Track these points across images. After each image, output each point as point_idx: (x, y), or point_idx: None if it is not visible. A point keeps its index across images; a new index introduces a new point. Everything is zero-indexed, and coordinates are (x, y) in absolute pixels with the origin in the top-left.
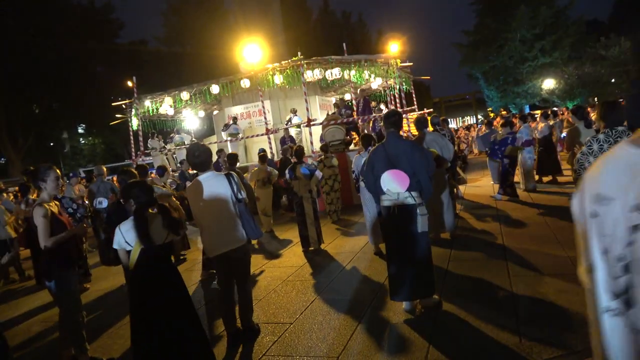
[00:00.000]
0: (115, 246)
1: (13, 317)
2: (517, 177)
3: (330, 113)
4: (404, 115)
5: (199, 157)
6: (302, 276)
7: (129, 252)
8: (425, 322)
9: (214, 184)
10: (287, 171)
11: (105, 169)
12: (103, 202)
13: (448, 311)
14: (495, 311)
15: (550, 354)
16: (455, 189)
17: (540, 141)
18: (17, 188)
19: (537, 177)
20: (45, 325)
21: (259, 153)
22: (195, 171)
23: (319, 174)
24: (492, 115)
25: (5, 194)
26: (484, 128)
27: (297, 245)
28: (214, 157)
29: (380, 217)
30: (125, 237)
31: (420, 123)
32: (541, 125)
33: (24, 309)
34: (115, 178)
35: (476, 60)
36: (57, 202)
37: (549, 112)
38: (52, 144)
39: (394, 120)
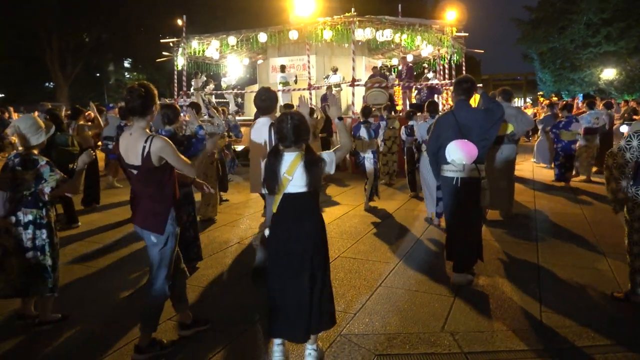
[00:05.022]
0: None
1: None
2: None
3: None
4: (446, 88)
5: (265, 101)
6: (329, 232)
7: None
8: (446, 293)
9: (263, 129)
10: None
11: None
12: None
13: (471, 286)
14: (519, 294)
15: (571, 342)
16: None
17: (597, 130)
18: (68, 112)
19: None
20: (89, 246)
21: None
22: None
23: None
24: (542, 99)
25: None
26: (545, 110)
27: (329, 202)
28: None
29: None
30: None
31: (506, 94)
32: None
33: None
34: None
35: (535, 40)
36: None
37: (612, 102)
38: (98, 74)
39: (466, 87)
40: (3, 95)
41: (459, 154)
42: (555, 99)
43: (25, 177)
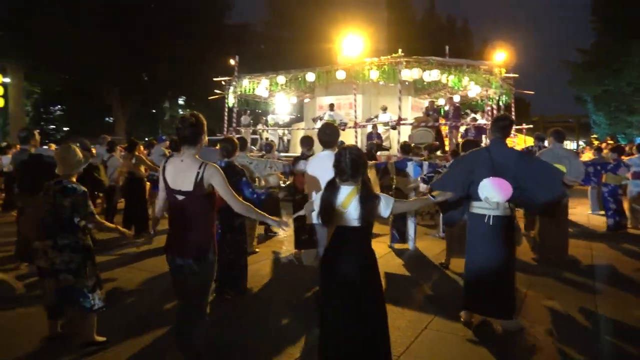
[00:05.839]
0: (314, 220)
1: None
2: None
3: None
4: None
5: (329, 135)
6: None
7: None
8: (496, 341)
9: (326, 161)
10: (395, 165)
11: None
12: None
13: (524, 334)
14: (577, 347)
15: None
16: None
17: None
18: (124, 145)
19: None
20: (144, 275)
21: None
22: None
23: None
24: (596, 142)
25: (120, 147)
26: (591, 154)
27: (373, 240)
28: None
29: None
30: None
31: (558, 135)
32: None
33: (117, 256)
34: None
35: (587, 82)
36: None
37: None
38: (154, 110)
39: (502, 125)
40: (68, 128)
41: (494, 192)
42: (611, 142)
43: (64, 204)
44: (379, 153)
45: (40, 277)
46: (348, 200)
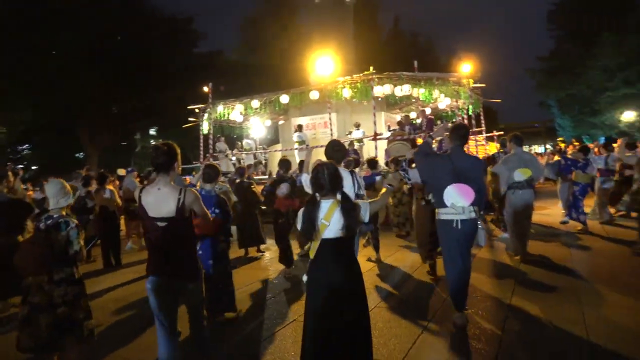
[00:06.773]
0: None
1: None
2: (588, 208)
3: (393, 129)
4: (472, 137)
5: (337, 152)
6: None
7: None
8: (491, 336)
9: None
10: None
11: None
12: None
13: (511, 337)
14: (566, 333)
15: None
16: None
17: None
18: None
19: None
20: (118, 304)
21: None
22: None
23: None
24: (562, 145)
25: (93, 180)
26: (555, 156)
27: (360, 252)
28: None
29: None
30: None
31: (518, 140)
32: (627, 154)
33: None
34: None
35: (552, 88)
36: None
37: (637, 144)
38: (124, 143)
39: (462, 133)
40: (37, 167)
41: (458, 197)
42: (577, 144)
43: (58, 238)
44: (357, 169)
45: (29, 314)
46: (330, 212)
